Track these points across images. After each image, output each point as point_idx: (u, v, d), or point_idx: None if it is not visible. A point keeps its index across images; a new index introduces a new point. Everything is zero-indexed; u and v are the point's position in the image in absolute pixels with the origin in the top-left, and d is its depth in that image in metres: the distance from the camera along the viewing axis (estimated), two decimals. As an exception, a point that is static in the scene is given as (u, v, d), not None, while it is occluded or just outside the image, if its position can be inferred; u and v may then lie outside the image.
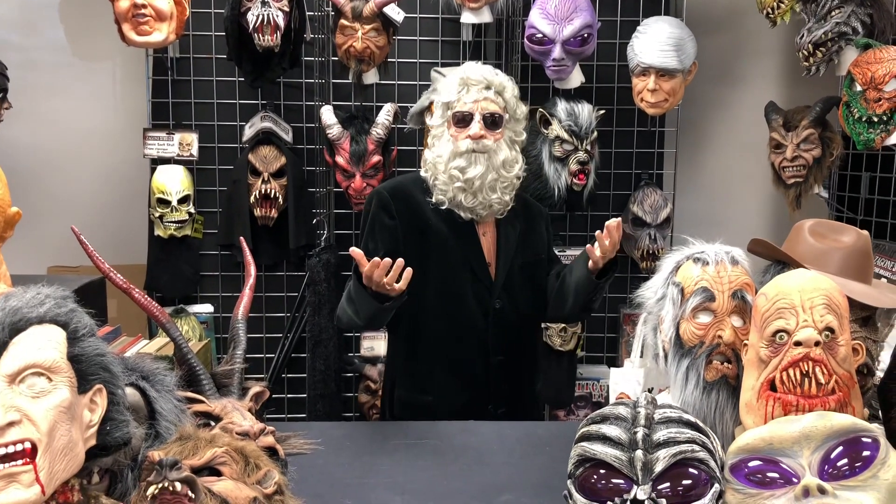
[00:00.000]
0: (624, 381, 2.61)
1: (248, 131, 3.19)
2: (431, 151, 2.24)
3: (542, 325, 2.78)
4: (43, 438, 1.08)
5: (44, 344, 1.13)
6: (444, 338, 2.23)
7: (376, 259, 1.87)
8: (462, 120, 2.17)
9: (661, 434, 1.27)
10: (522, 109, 2.26)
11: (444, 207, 2.20)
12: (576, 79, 3.10)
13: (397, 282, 1.90)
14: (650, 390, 1.84)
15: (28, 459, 1.08)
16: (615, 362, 3.41)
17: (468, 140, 2.15)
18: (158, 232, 3.14)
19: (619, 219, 2.01)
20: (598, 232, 2.00)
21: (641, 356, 2.08)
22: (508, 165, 2.19)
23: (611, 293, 3.22)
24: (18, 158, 3.46)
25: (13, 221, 1.84)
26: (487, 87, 2.18)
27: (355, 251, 1.92)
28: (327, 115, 3.03)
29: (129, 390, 1.33)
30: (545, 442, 1.87)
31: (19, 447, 1.07)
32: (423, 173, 2.25)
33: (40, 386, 1.11)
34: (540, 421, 2.03)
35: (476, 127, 2.15)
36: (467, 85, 2.18)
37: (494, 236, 2.27)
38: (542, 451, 1.82)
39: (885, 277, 2.86)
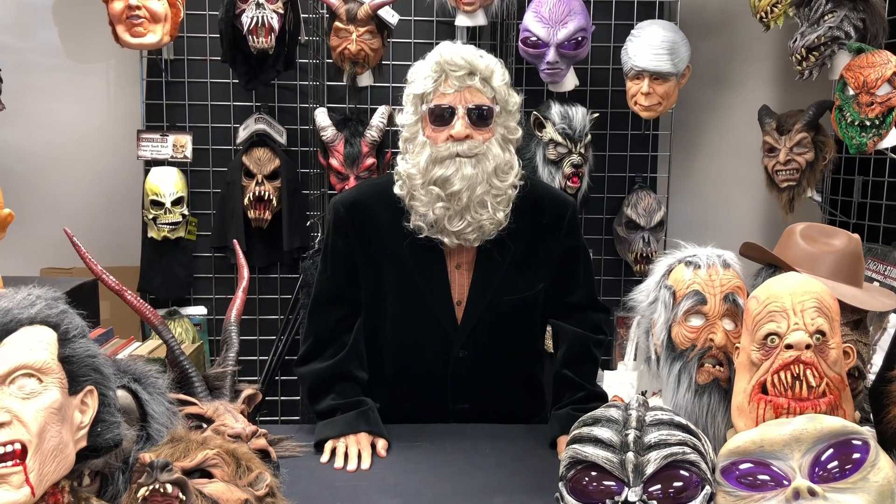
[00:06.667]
0: (618, 383, 2.62)
1: (242, 133, 3.19)
2: (405, 160, 1.84)
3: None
4: (33, 440, 1.08)
5: (34, 345, 1.13)
6: (400, 381, 1.96)
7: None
8: (440, 116, 1.78)
9: (652, 436, 1.27)
10: (515, 99, 1.87)
11: (422, 235, 1.82)
12: (570, 82, 3.11)
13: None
14: (644, 393, 1.84)
15: (18, 461, 1.07)
16: (609, 365, 3.40)
17: (450, 142, 1.77)
18: (152, 234, 3.14)
19: None
20: None
21: (635, 359, 2.08)
22: (502, 172, 1.81)
23: (605, 296, 3.23)
24: (11, 160, 3.46)
25: (5, 223, 1.85)
26: (471, 74, 1.78)
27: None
28: (321, 117, 3.03)
29: (121, 392, 1.33)
30: (537, 444, 1.87)
31: (9, 448, 1.07)
32: (396, 190, 1.85)
33: (31, 387, 1.11)
34: (534, 424, 2.02)
35: (459, 124, 1.76)
36: (445, 71, 1.78)
37: (471, 268, 1.89)
38: (534, 453, 1.82)
39: (878, 281, 2.87)
